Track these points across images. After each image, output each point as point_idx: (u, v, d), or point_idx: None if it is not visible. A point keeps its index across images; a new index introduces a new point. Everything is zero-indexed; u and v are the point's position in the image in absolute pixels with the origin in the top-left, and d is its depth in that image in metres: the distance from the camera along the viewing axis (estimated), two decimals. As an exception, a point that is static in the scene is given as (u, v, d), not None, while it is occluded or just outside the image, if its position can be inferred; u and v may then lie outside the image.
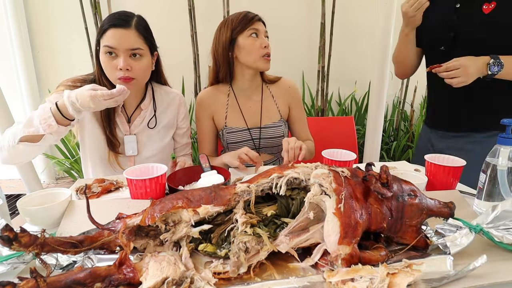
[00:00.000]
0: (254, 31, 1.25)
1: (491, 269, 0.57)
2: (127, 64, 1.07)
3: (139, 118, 1.24)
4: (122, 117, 1.22)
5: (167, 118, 1.29)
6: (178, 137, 1.38)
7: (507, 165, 0.76)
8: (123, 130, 1.22)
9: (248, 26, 1.25)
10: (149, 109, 1.25)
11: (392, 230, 0.64)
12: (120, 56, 1.06)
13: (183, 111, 1.35)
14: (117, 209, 0.73)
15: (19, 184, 2.68)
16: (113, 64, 1.07)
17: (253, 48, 1.25)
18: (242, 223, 0.62)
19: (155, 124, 1.26)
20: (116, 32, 1.05)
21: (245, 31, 1.25)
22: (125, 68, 1.07)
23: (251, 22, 1.25)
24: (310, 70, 2.81)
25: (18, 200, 0.76)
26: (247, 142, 1.37)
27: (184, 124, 1.37)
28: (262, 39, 1.27)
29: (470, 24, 1.17)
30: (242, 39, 1.25)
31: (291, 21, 2.70)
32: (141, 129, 1.24)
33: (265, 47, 1.26)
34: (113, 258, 0.59)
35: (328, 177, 0.64)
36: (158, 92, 1.29)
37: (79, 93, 0.92)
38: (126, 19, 1.08)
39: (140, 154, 1.25)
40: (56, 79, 2.70)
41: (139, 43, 1.09)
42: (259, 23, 1.27)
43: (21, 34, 2.49)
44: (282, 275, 0.58)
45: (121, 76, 1.08)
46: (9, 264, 0.58)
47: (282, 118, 1.42)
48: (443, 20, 1.23)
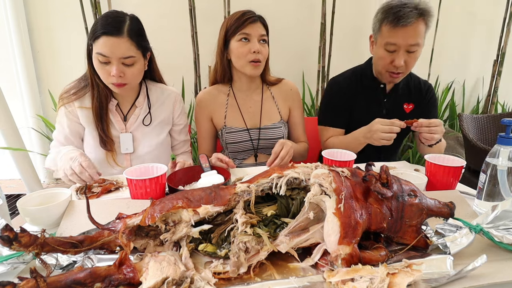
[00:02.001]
0: (244, 35, 1.22)
1: (491, 269, 0.57)
2: (120, 71, 1.08)
3: (133, 116, 1.25)
4: (117, 116, 1.23)
5: (162, 115, 1.30)
6: (175, 134, 1.38)
7: (507, 165, 0.76)
8: (118, 128, 1.23)
9: (239, 30, 1.22)
10: (144, 106, 1.27)
11: (392, 230, 0.64)
12: (113, 63, 1.07)
13: (179, 108, 1.35)
14: (117, 209, 0.73)
15: (19, 184, 2.68)
16: (106, 70, 1.09)
17: (241, 53, 1.23)
18: (242, 223, 0.62)
19: (150, 121, 1.27)
20: (108, 41, 1.05)
21: (236, 35, 1.23)
22: (117, 76, 1.08)
23: (243, 26, 1.21)
24: (310, 70, 2.81)
25: (18, 200, 0.76)
26: (246, 142, 1.37)
27: (181, 120, 1.37)
28: (253, 43, 1.22)
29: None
30: (233, 42, 1.24)
31: (292, 21, 2.69)
32: (136, 126, 1.26)
33: (254, 52, 1.22)
34: (113, 258, 0.59)
35: (328, 177, 0.64)
36: (153, 90, 1.30)
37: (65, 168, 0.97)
38: (119, 26, 1.06)
39: (136, 151, 1.26)
40: (56, 79, 2.72)
41: (132, 51, 1.09)
42: (253, 25, 1.22)
43: (21, 34, 2.49)
44: (282, 275, 0.58)
45: (114, 82, 1.10)
46: (9, 264, 0.58)
47: (282, 120, 1.41)
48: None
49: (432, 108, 1.41)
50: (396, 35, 1.18)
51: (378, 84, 1.37)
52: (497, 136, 0.78)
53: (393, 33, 1.18)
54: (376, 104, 1.39)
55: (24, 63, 2.54)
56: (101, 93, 1.17)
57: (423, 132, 1.12)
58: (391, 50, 1.21)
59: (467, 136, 2.01)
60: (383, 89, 1.38)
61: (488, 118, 2.26)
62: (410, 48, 1.19)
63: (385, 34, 1.21)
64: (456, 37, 2.96)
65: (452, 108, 3.06)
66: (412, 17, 1.14)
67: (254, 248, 0.60)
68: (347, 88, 1.39)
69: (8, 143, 2.05)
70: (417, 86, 1.40)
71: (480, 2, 2.89)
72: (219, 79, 1.38)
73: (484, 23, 2.95)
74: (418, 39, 1.18)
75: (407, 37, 1.17)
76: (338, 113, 1.41)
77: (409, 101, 1.39)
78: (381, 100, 1.38)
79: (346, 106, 1.39)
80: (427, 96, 1.40)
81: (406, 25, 1.14)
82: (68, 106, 1.19)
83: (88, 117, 1.20)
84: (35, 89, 2.65)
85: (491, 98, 2.94)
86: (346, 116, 1.40)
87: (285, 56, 2.73)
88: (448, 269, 0.56)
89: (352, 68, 1.47)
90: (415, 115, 1.36)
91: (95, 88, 1.16)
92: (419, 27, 1.17)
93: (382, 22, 1.21)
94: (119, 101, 1.24)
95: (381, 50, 1.24)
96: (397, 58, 1.20)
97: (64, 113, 1.19)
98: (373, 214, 0.63)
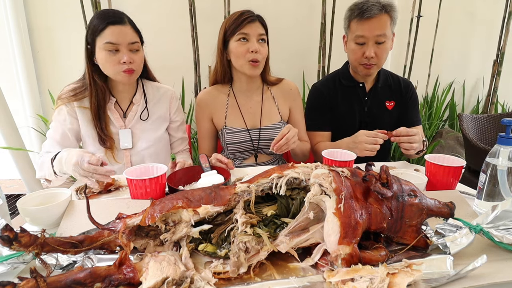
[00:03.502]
0: (243, 35, 1.22)
1: (491, 269, 0.57)
2: (130, 57, 1.14)
3: (132, 112, 1.28)
4: (115, 113, 1.26)
5: (159, 111, 1.33)
6: (172, 131, 1.40)
7: (507, 165, 0.76)
8: (117, 125, 1.26)
9: (238, 30, 1.22)
10: (141, 103, 1.30)
11: (392, 230, 0.64)
12: (122, 50, 1.13)
13: (175, 105, 1.38)
14: (117, 209, 0.73)
15: (19, 184, 2.68)
16: (115, 59, 1.12)
17: (239, 53, 1.23)
18: (242, 223, 0.62)
19: (147, 116, 1.30)
20: (115, 29, 1.11)
21: (234, 35, 1.23)
22: (128, 62, 1.13)
23: (241, 26, 1.21)
24: (310, 70, 2.81)
25: (18, 200, 0.76)
26: (246, 143, 1.37)
27: (178, 117, 1.39)
28: (252, 43, 1.22)
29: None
30: (232, 42, 1.25)
31: (292, 21, 2.69)
32: (135, 123, 1.28)
33: (253, 51, 1.22)
34: (113, 258, 0.59)
35: (328, 177, 0.64)
36: (149, 88, 1.33)
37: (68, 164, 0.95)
38: (121, 16, 1.14)
39: (135, 147, 1.28)
40: (56, 79, 2.72)
41: (136, 37, 1.16)
42: (251, 25, 1.22)
43: (21, 34, 2.49)
44: (282, 275, 0.58)
45: (125, 69, 1.14)
46: (9, 264, 0.58)
47: (282, 120, 1.41)
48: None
49: (414, 104, 1.47)
50: (362, 27, 1.27)
51: (357, 83, 1.44)
52: (497, 136, 0.78)
53: (360, 25, 1.27)
54: (357, 103, 1.44)
55: (24, 63, 2.54)
56: (99, 91, 1.19)
57: (403, 142, 1.17)
58: (361, 43, 1.30)
59: (467, 136, 2.01)
60: (362, 88, 1.44)
61: (488, 118, 2.26)
62: (377, 39, 1.27)
63: (353, 29, 1.30)
64: (456, 37, 2.96)
65: (452, 108, 3.06)
66: (376, 9, 1.24)
67: (254, 248, 0.60)
68: (326, 91, 1.46)
69: (8, 143, 2.05)
70: (396, 84, 1.46)
71: (480, 2, 2.89)
72: (219, 79, 1.38)
73: (484, 23, 2.95)
74: (384, 30, 1.26)
75: (373, 29, 1.26)
76: (321, 116, 1.47)
77: (390, 98, 1.45)
78: (361, 98, 1.44)
79: (327, 108, 1.46)
80: (407, 94, 1.46)
81: (371, 17, 1.24)
82: (69, 105, 1.21)
83: (87, 117, 1.21)
84: (35, 89, 2.65)
85: (491, 98, 2.94)
86: (329, 117, 1.46)
87: (285, 56, 2.73)
88: (448, 269, 0.56)
89: (331, 73, 1.55)
90: (397, 112, 1.45)
91: (93, 86, 1.18)
92: (383, 19, 1.26)
93: (350, 18, 1.32)
94: (117, 99, 1.26)
95: (352, 45, 1.33)
96: (367, 49, 1.29)
97: (65, 111, 1.20)
98: (373, 214, 0.63)
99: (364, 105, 1.44)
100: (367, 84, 1.44)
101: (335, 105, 1.45)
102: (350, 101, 1.44)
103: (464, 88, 3.11)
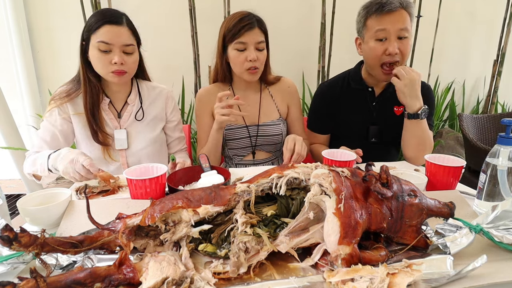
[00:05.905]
0: (240, 45, 1.22)
1: (491, 269, 0.57)
2: (121, 58, 1.12)
3: (126, 113, 1.27)
4: (110, 114, 1.25)
5: (154, 111, 1.32)
6: (169, 131, 1.39)
7: (507, 165, 0.76)
8: (112, 126, 1.25)
9: (236, 38, 1.21)
10: (136, 103, 1.29)
11: (392, 230, 0.64)
12: (114, 51, 1.12)
13: (171, 104, 1.37)
14: (117, 209, 0.73)
15: (19, 184, 2.68)
16: (106, 59, 1.11)
17: (237, 62, 1.24)
18: (242, 223, 0.62)
19: (142, 116, 1.29)
20: (110, 29, 1.10)
21: (232, 43, 1.23)
22: (119, 63, 1.12)
23: (239, 34, 1.20)
24: (310, 70, 2.81)
25: (18, 200, 0.76)
26: (244, 139, 1.38)
27: (174, 117, 1.38)
28: (250, 52, 1.22)
29: None
30: (230, 49, 1.25)
31: (292, 21, 2.69)
32: (130, 123, 1.27)
33: (251, 60, 1.22)
34: (113, 258, 0.59)
35: (328, 177, 0.64)
36: (144, 87, 1.32)
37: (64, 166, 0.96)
38: (119, 16, 1.13)
39: (130, 148, 1.27)
40: (56, 79, 2.72)
41: (131, 39, 1.15)
42: (249, 33, 1.21)
43: (21, 34, 2.49)
44: (282, 275, 0.58)
45: (114, 70, 1.12)
46: (9, 264, 0.58)
47: (281, 117, 1.42)
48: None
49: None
50: (384, 21, 1.17)
51: (366, 87, 1.37)
52: (497, 136, 0.78)
53: (381, 19, 1.18)
54: (364, 107, 1.38)
55: (24, 63, 2.54)
56: (93, 88, 1.18)
57: (395, 68, 1.16)
58: (382, 38, 1.19)
59: (467, 136, 2.02)
60: (371, 93, 1.37)
61: (488, 118, 2.27)
62: (400, 33, 1.17)
63: (371, 25, 1.21)
64: (456, 37, 2.96)
65: (452, 108, 3.06)
66: (396, 3, 1.17)
67: (254, 248, 0.60)
68: (329, 96, 1.41)
69: (8, 143, 2.06)
70: None
71: (480, 2, 2.89)
72: (219, 79, 1.40)
73: (484, 23, 2.95)
74: (406, 24, 1.17)
75: (395, 22, 1.16)
76: (322, 121, 1.45)
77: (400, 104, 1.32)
78: (369, 103, 1.37)
79: (329, 113, 1.41)
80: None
81: (391, 10, 1.16)
82: (61, 107, 1.20)
83: (82, 121, 1.21)
84: (35, 89, 2.65)
85: (491, 98, 2.94)
86: (330, 123, 1.43)
87: (285, 56, 2.73)
88: (448, 269, 0.56)
89: (342, 73, 1.47)
90: None
91: (87, 84, 1.17)
92: (404, 14, 1.18)
93: (367, 16, 1.22)
94: (111, 99, 1.25)
95: (371, 42, 1.22)
96: (390, 45, 1.18)
97: (57, 112, 1.20)
98: (373, 214, 0.63)
99: (372, 111, 1.37)
100: (377, 88, 1.36)
101: (337, 109, 1.39)
102: (357, 105, 1.38)
103: (464, 88, 3.11)
